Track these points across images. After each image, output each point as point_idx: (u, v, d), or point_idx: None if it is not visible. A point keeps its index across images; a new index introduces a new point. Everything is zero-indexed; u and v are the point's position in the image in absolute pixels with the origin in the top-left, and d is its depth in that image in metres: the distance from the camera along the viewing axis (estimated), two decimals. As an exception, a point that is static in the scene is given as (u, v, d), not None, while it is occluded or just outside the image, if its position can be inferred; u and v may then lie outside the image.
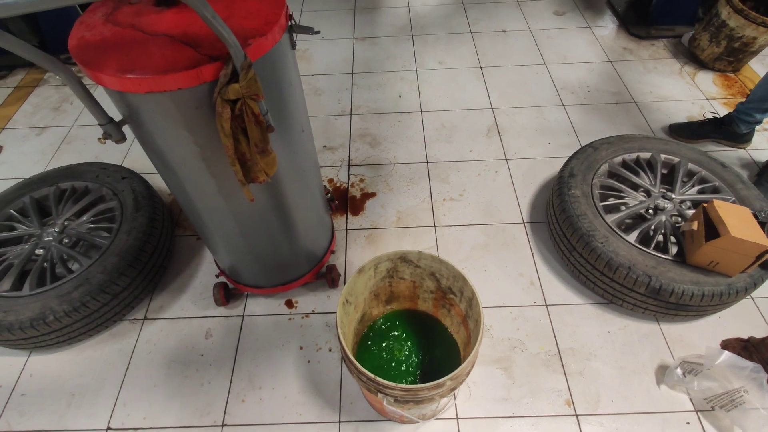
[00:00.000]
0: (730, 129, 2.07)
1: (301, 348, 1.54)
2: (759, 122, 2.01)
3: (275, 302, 1.66)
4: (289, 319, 1.62)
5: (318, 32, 1.08)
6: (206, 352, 1.54)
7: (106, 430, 1.39)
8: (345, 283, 1.53)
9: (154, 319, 1.63)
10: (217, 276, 1.66)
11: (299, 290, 1.68)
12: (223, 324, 1.61)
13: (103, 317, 1.53)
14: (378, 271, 1.29)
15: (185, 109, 0.93)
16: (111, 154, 2.19)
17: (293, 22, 1.06)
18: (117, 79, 0.86)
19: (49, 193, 1.75)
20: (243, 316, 1.63)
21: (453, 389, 1.08)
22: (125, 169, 1.83)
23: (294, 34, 1.08)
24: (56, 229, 1.64)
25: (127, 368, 1.51)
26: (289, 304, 1.65)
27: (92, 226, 1.68)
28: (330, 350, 1.53)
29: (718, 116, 2.13)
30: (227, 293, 1.63)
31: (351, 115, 2.34)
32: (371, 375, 1.01)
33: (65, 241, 1.64)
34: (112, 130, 1.00)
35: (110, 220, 1.68)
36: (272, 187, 1.20)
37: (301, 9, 3.10)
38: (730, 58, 2.42)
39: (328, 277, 1.64)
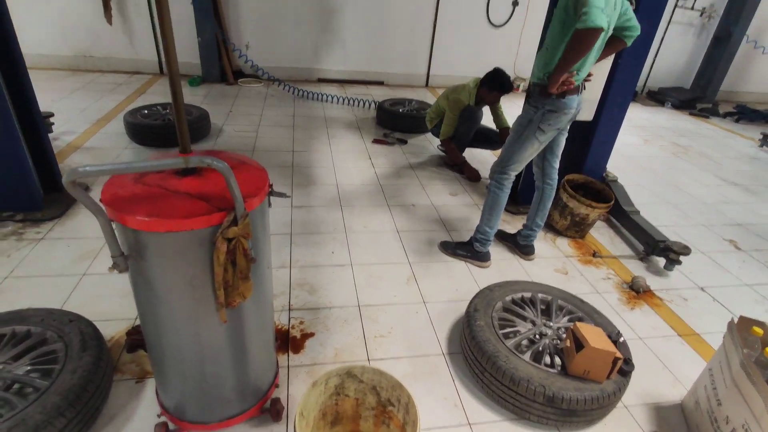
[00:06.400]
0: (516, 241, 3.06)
1: (243, 485, 1.54)
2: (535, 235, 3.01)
3: (217, 440, 1.67)
4: (232, 456, 1.63)
5: (289, 197, 1.51)
6: (139, 499, 1.47)
7: None
8: (288, 418, 1.67)
9: (81, 468, 1.54)
10: (158, 416, 1.67)
11: (243, 427, 1.73)
12: (159, 467, 1.57)
13: (26, 466, 1.43)
14: (328, 387, 1.48)
15: (191, 245, 1.23)
16: (48, 303, 2.21)
17: (272, 189, 1.48)
18: (146, 221, 1.17)
19: (-15, 338, 1.74)
20: (182, 457, 1.61)
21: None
22: (72, 314, 1.90)
23: (271, 197, 1.50)
24: (-11, 373, 1.61)
25: None
26: (232, 441, 1.68)
27: (30, 368, 1.67)
28: (274, 484, 1.55)
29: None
30: (168, 433, 1.63)
31: (290, 267, 2.68)
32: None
33: (-2, 384, 1.60)
34: (121, 261, 1.24)
35: (52, 362, 1.68)
36: (237, 314, 1.44)
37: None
38: (576, 229, 3.31)
39: (272, 410, 1.74)
